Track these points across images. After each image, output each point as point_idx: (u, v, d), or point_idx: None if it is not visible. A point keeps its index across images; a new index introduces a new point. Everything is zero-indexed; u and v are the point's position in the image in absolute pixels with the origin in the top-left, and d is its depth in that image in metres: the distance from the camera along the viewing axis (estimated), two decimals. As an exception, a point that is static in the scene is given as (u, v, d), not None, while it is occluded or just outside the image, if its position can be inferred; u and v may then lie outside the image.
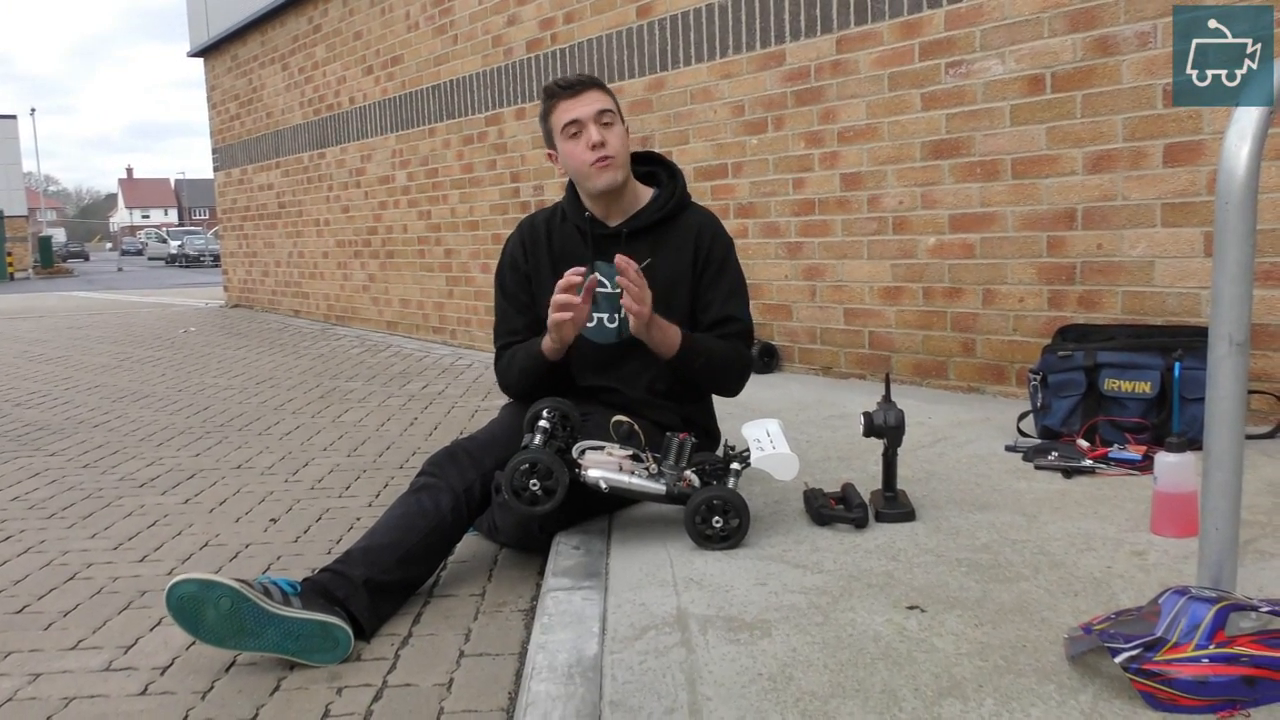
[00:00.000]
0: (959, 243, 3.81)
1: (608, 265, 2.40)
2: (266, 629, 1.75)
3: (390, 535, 2.04)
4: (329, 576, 1.93)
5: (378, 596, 1.96)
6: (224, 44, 10.28)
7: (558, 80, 2.36)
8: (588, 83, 2.36)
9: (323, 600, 1.86)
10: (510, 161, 6.22)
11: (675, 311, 2.40)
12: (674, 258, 2.40)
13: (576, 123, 2.31)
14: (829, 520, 2.18)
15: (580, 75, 2.40)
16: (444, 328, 7.06)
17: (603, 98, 2.35)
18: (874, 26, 4.01)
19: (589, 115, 2.31)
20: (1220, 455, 1.51)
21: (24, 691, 1.79)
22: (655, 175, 2.49)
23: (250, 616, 1.74)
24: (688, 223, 2.44)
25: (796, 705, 1.39)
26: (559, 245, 2.47)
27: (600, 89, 2.36)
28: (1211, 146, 3.08)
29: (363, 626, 1.92)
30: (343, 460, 3.54)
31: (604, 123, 2.33)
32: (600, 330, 2.43)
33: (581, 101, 2.32)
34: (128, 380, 5.69)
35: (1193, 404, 2.64)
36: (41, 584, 2.35)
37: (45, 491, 3.21)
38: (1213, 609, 1.36)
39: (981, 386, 3.80)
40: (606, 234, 2.42)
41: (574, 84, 2.34)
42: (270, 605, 1.76)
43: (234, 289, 11.10)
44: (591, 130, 2.30)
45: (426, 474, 2.19)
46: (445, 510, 2.11)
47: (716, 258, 2.43)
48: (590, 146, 2.30)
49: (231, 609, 1.73)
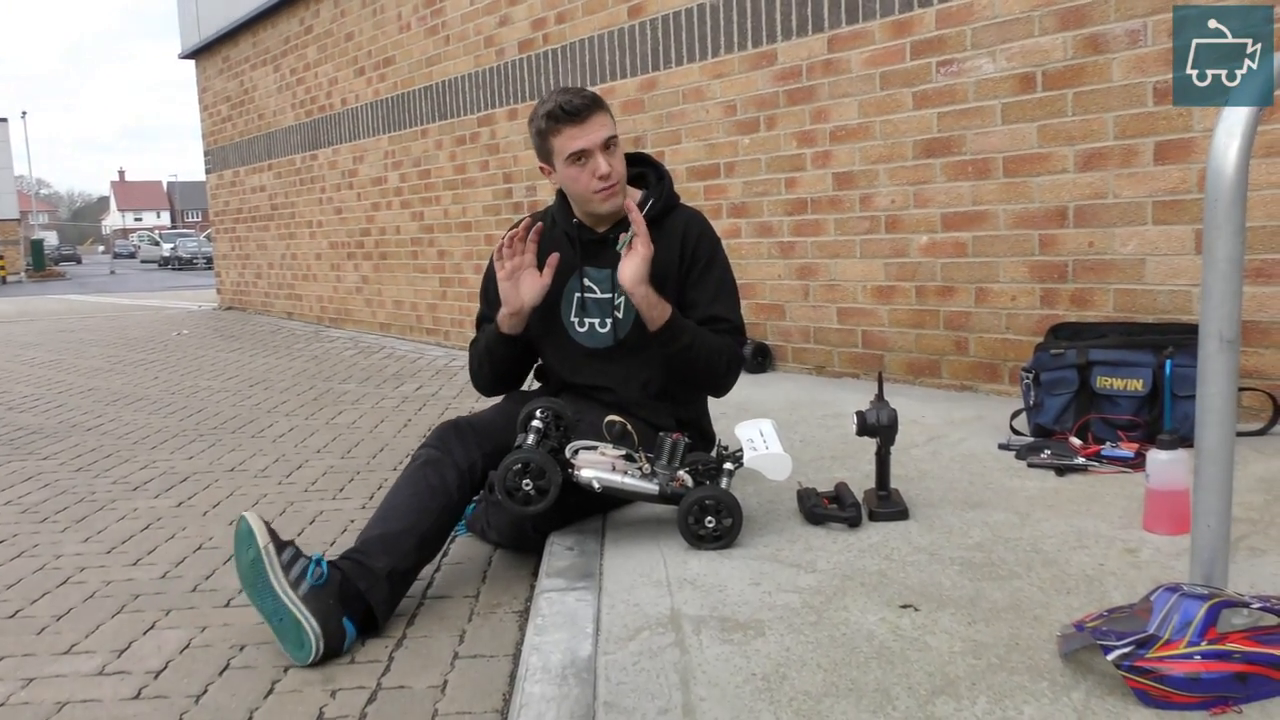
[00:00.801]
0: (951, 241, 3.82)
1: (596, 270, 2.41)
2: (265, 597, 1.85)
3: (406, 520, 2.05)
4: (351, 566, 1.95)
5: (397, 586, 2.00)
6: (215, 46, 10.26)
7: (562, 104, 2.25)
8: (592, 106, 2.27)
9: (333, 601, 1.87)
10: (503, 162, 6.21)
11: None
12: (662, 257, 2.40)
13: (583, 152, 2.26)
14: (822, 519, 2.18)
15: (583, 96, 2.28)
16: (437, 329, 7.05)
17: (607, 121, 2.29)
18: (865, 25, 4.02)
19: (596, 144, 2.26)
20: (1212, 452, 1.52)
21: (17, 696, 1.78)
22: (644, 176, 2.49)
23: (259, 578, 1.84)
24: (674, 222, 2.43)
25: (790, 705, 1.39)
26: (547, 249, 2.45)
27: (604, 111, 2.30)
28: (1202, 144, 3.08)
29: (378, 620, 1.95)
30: (337, 462, 3.53)
31: (609, 149, 2.29)
32: (592, 335, 2.43)
33: (588, 130, 2.25)
34: (121, 383, 5.68)
35: (1184, 401, 2.65)
36: (34, 588, 2.34)
37: (38, 495, 3.20)
38: (1205, 606, 1.37)
39: (974, 385, 3.80)
40: (595, 239, 2.41)
41: (580, 110, 2.24)
42: (275, 579, 1.83)
43: (227, 291, 11.07)
44: (600, 161, 2.26)
45: (431, 446, 2.19)
46: (453, 488, 2.13)
47: (703, 256, 2.41)
48: (598, 176, 2.27)
49: (252, 564, 1.85)
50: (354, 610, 1.90)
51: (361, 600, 1.92)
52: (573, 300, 2.43)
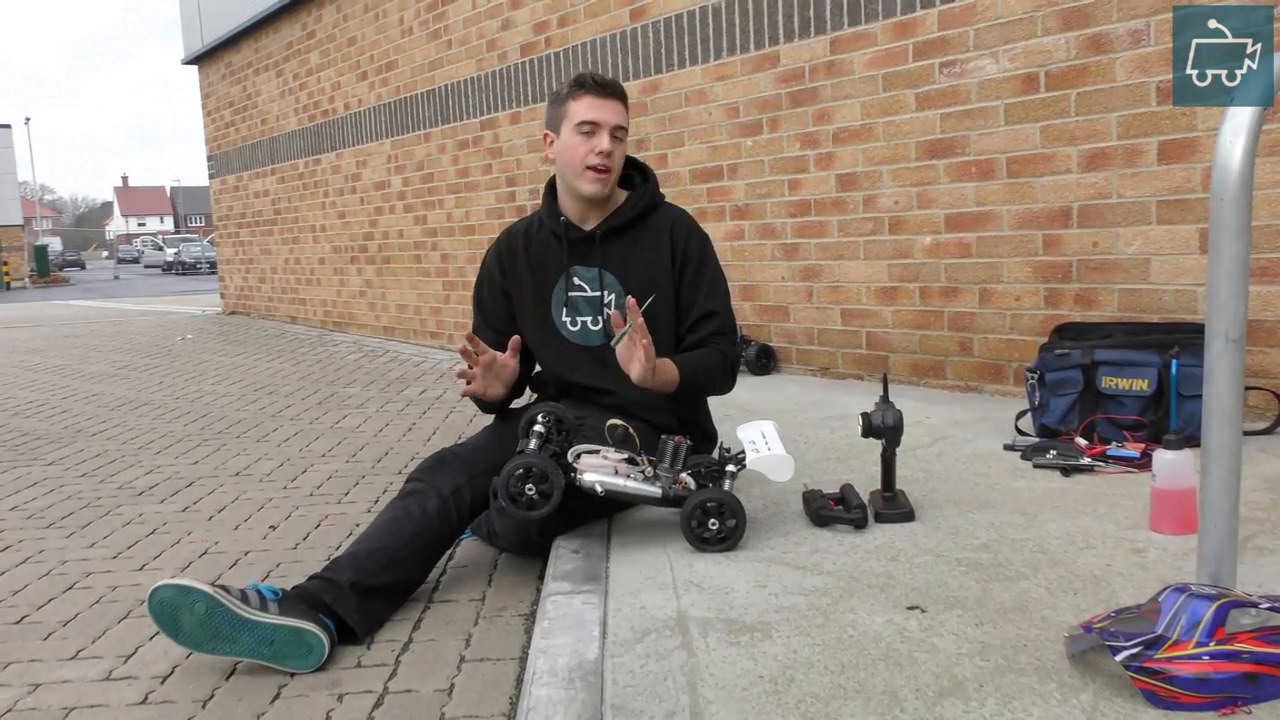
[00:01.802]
0: (955, 242, 3.82)
1: (584, 269, 2.42)
2: (241, 634, 1.78)
3: (376, 541, 2.04)
4: (316, 583, 1.94)
5: (366, 599, 1.96)
6: (218, 51, 10.28)
7: (594, 74, 2.35)
8: (619, 92, 2.35)
9: (305, 606, 1.86)
10: (506, 165, 6.22)
11: (659, 305, 2.40)
12: (650, 255, 2.42)
13: (594, 124, 2.31)
14: (828, 521, 2.18)
15: (614, 81, 2.38)
16: (441, 332, 7.06)
17: (624, 113, 2.36)
18: (867, 27, 4.02)
19: (608, 124, 2.31)
20: (1218, 451, 1.51)
21: (24, 702, 1.78)
22: (630, 178, 2.50)
23: (225, 622, 1.77)
24: (660, 220, 2.45)
25: (798, 707, 1.39)
26: (536, 252, 2.49)
27: (626, 104, 2.38)
28: (1206, 143, 3.08)
29: (353, 629, 1.92)
30: (341, 466, 3.53)
31: (616, 137, 2.33)
32: (584, 333, 2.44)
33: (607, 107, 2.32)
34: (125, 388, 5.68)
35: (1190, 401, 2.64)
36: (41, 594, 2.34)
37: (43, 501, 3.21)
38: (1213, 606, 1.36)
39: (979, 386, 3.80)
40: (581, 237, 2.43)
41: (607, 86, 2.33)
42: (244, 611, 1.77)
43: (230, 296, 11.09)
44: (604, 139, 2.31)
45: (414, 480, 2.20)
46: (431, 514, 2.10)
47: (694, 254, 2.44)
48: (597, 152, 2.31)
49: (206, 614, 1.76)
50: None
51: (329, 611, 1.89)
52: (563, 300, 2.44)
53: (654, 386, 2.24)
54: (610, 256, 2.42)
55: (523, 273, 2.49)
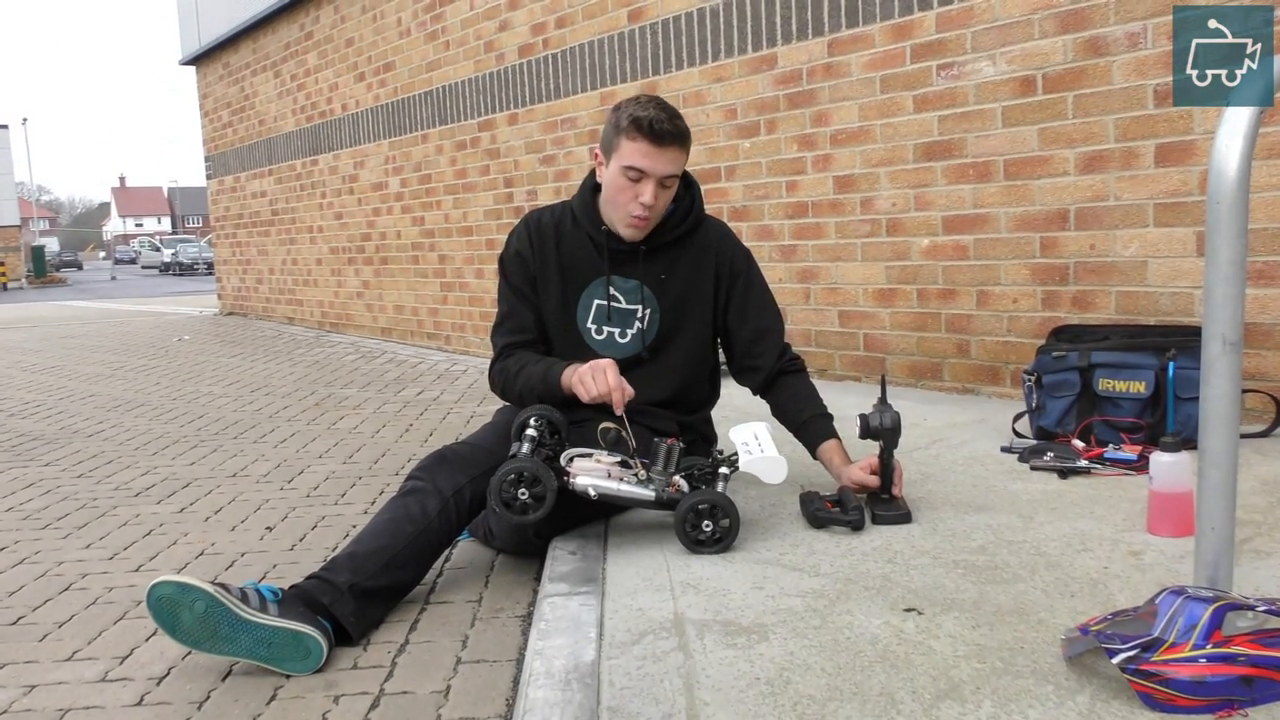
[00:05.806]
0: (952, 244, 3.82)
1: (622, 280, 2.37)
2: (239, 634, 1.77)
3: (376, 541, 2.02)
4: (314, 583, 1.93)
5: (364, 601, 1.95)
6: (216, 52, 10.28)
7: (653, 120, 2.17)
8: (677, 140, 2.21)
9: (303, 608, 1.85)
10: (504, 167, 6.22)
11: (692, 324, 2.39)
12: (690, 272, 2.38)
13: (642, 173, 2.21)
14: (825, 523, 2.18)
15: (676, 125, 2.21)
16: (438, 334, 7.05)
17: (679, 160, 2.24)
18: (865, 29, 4.02)
19: (657, 175, 2.21)
20: (1215, 454, 1.51)
21: (19, 703, 1.78)
22: None
23: (224, 621, 1.76)
24: (705, 237, 2.41)
25: (794, 709, 1.38)
26: (569, 253, 2.38)
27: (684, 150, 2.25)
28: (1203, 146, 3.08)
29: (349, 632, 1.91)
30: (338, 467, 3.53)
31: (664, 185, 2.24)
32: (610, 344, 2.39)
33: (660, 159, 2.20)
34: (122, 389, 5.68)
35: (1187, 403, 2.65)
36: (36, 595, 2.34)
37: (40, 502, 3.20)
38: (1209, 608, 1.36)
39: (976, 388, 3.80)
40: (623, 249, 2.36)
41: (664, 136, 2.18)
42: (244, 611, 1.76)
43: (228, 297, 11.08)
44: (649, 190, 2.21)
45: (415, 478, 2.16)
46: (432, 514, 2.08)
47: (740, 271, 2.42)
48: (639, 200, 2.23)
49: (205, 613, 1.75)
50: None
51: (327, 613, 1.88)
52: (591, 307, 2.38)
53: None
54: (651, 270, 2.36)
55: (551, 268, 2.38)
